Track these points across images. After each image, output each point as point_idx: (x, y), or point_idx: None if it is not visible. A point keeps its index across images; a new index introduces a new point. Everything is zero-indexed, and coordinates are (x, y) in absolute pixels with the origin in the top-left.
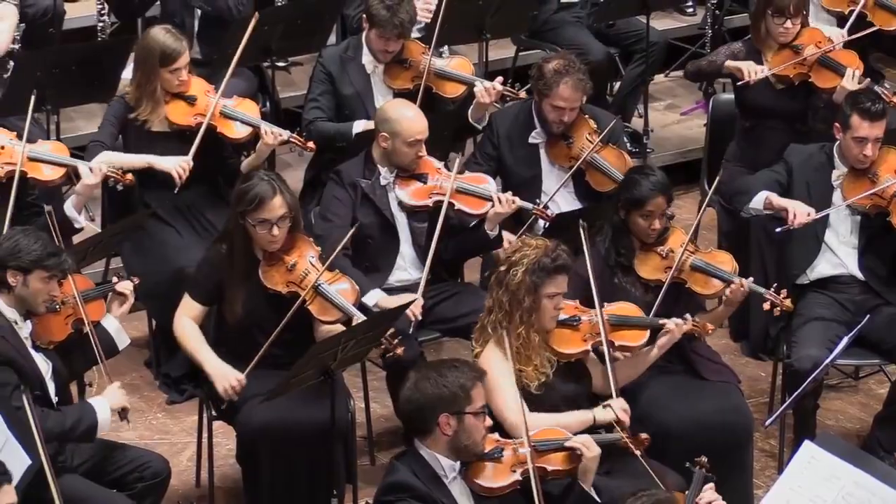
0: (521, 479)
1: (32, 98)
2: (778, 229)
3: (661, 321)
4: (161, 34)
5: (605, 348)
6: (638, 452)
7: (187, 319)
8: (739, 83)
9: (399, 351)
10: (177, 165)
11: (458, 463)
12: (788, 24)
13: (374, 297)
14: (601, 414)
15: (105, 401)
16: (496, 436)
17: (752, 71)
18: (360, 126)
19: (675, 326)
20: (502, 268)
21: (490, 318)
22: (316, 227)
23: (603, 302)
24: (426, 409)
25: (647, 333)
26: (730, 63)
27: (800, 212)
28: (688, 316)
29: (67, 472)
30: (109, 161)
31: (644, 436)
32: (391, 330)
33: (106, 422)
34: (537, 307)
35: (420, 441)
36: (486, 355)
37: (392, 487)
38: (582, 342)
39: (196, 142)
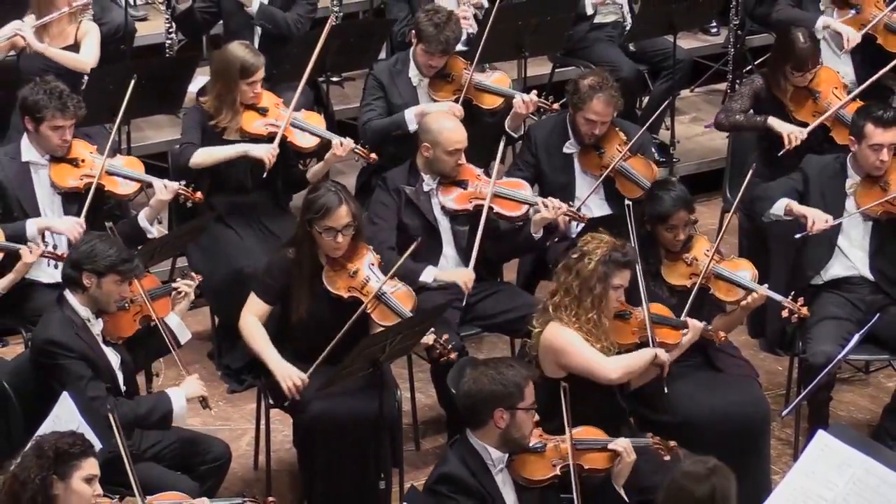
0: (559, 473)
1: (120, 115)
2: (797, 235)
3: (683, 321)
4: (241, 49)
5: (649, 341)
6: (667, 458)
7: (253, 318)
8: (780, 153)
9: (452, 356)
10: (267, 152)
11: (506, 456)
12: (808, 75)
13: (431, 274)
14: (661, 354)
15: (181, 391)
16: (539, 430)
17: (794, 135)
18: (411, 113)
19: (694, 328)
20: (574, 255)
21: (554, 301)
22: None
23: (647, 302)
24: (483, 403)
25: (681, 333)
26: (773, 123)
27: (818, 219)
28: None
29: (136, 457)
30: (208, 157)
31: (673, 443)
32: (445, 336)
33: (182, 410)
34: (605, 295)
35: (472, 432)
36: (552, 331)
37: (443, 479)
38: (631, 335)
39: (276, 140)
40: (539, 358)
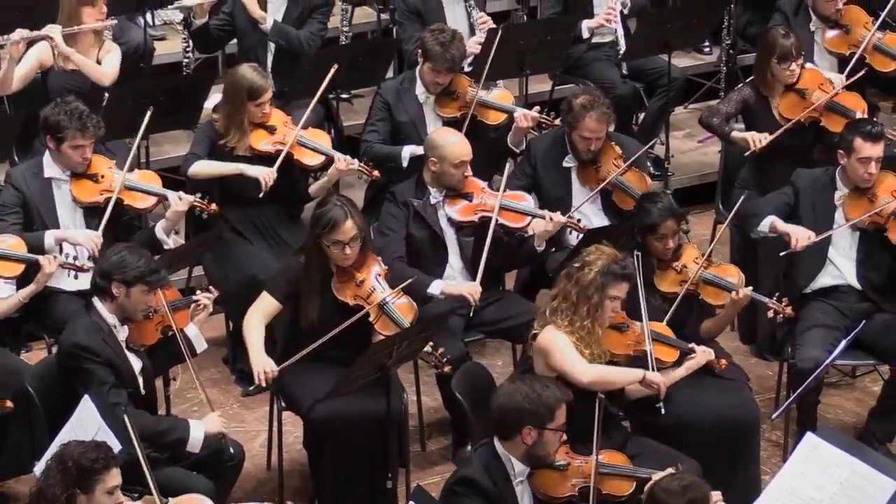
0: (577, 493)
1: (139, 136)
2: (782, 253)
3: (690, 346)
4: (249, 72)
5: (648, 348)
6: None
7: (258, 316)
8: (746, 153)
9: (447, 369)
10: (264, 174)
11: (528, 469)
12: (793, 66)
13: (438, 287)
14: (651, 375)
15: (201, 424)
16: (567, 448)
17: (756, 140)
18: (408, 151)
19: (703, 354)
20: (576, 264)
21: (552, 306)
22: (374, 241)
23: (647, 318)
24: (513, 418)
25: (678, 354)
26: (735, 135)
27: (801, 236)
28: (713, 351)
29: (154, 458)
30: (206, 170)
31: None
32: (441, 350)
33: (197, 441)
34: (601, 305)
35: (500, 441)
36: (547, 335)
37: (463, 481)
38: (626, 347)
39: (276, 163)
40: (533, 359)
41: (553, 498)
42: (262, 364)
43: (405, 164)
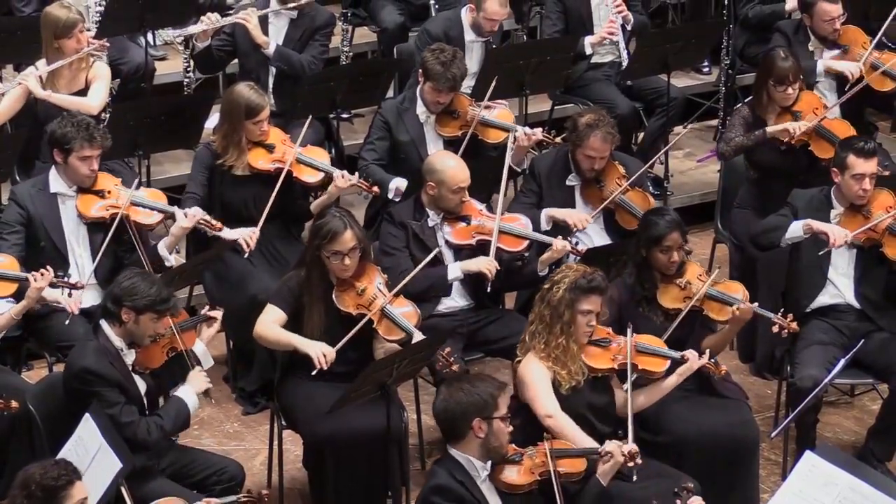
0: (539, 479)
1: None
2: (821, 252)
3: (682, 354)
4: (246, 90)
5: (628, 370)
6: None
7: (272, 324)
8: (783, 145)
9: (455, 367)
10: (245, 235)
11: (489, 464)
12: (789, 90)
13: (457, 268)
14: (608, 446)
15: (190, 387)
16: (513, 446)
17: (794, 128)
18: (394, 184)
19: (695, 359)
20: (546, 286)
21: (531, 330)
22: (381, 261)
23: (632, 331)
24: (461, 416)
25: (668, 363)
26: (771, 128)
27: (839, 235)
28: (707, 354)
29: (155, 475)
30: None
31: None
32: (448, 349)
33: (195, 405)
34: (573, 321)
35: (454, 446)
36: (526, 362)
37: (435, 490)
38: (609, 361)
39: (277, 186)
40: (516, 385)
41: (516, 487)
42: (320, 348)
43: (389, 195)
